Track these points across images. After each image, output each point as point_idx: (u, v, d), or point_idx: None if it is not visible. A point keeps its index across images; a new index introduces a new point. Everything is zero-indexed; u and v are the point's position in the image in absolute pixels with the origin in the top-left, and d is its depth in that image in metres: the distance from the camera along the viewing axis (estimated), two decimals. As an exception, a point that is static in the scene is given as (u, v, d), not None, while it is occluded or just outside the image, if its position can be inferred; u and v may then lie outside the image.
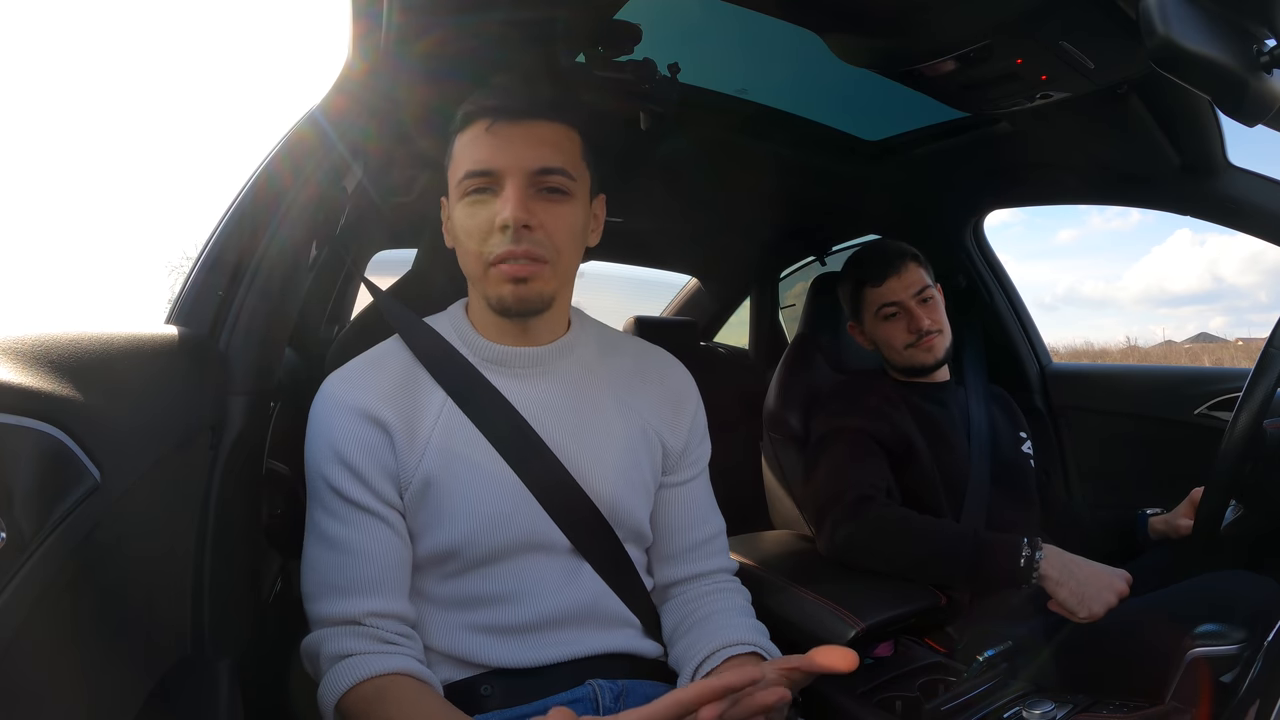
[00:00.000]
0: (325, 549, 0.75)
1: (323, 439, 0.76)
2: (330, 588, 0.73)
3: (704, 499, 0.90)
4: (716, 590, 0.86)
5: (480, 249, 0.75)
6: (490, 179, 0.74)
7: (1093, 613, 0.98)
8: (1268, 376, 0.96)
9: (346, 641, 0.71)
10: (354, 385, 0.78)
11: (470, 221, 0.75)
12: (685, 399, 0.90)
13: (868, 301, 1.32)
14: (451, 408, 0.78)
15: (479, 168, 0.74)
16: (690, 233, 2.03)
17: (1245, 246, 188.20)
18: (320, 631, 0.73)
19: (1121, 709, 0.90)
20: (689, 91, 1.16)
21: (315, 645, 0.73)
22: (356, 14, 0.78)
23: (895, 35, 0.96)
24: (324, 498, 0.76)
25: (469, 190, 0.75)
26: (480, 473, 0.76)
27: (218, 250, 0.82)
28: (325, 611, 0.73)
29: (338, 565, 0.74)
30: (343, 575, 0.73)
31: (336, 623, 0.73)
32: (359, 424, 0.75)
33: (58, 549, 0.46)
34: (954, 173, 1.51)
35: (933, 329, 1.26)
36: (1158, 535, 1.23)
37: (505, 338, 0.82)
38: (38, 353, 0.50)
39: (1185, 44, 0.56)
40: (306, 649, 0.74)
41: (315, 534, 0.76)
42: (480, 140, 0.75)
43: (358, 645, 0.71)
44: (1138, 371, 1.78)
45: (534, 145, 0.75)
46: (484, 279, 0.77)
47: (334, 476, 0.75)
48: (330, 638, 0.72)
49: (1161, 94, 1.06)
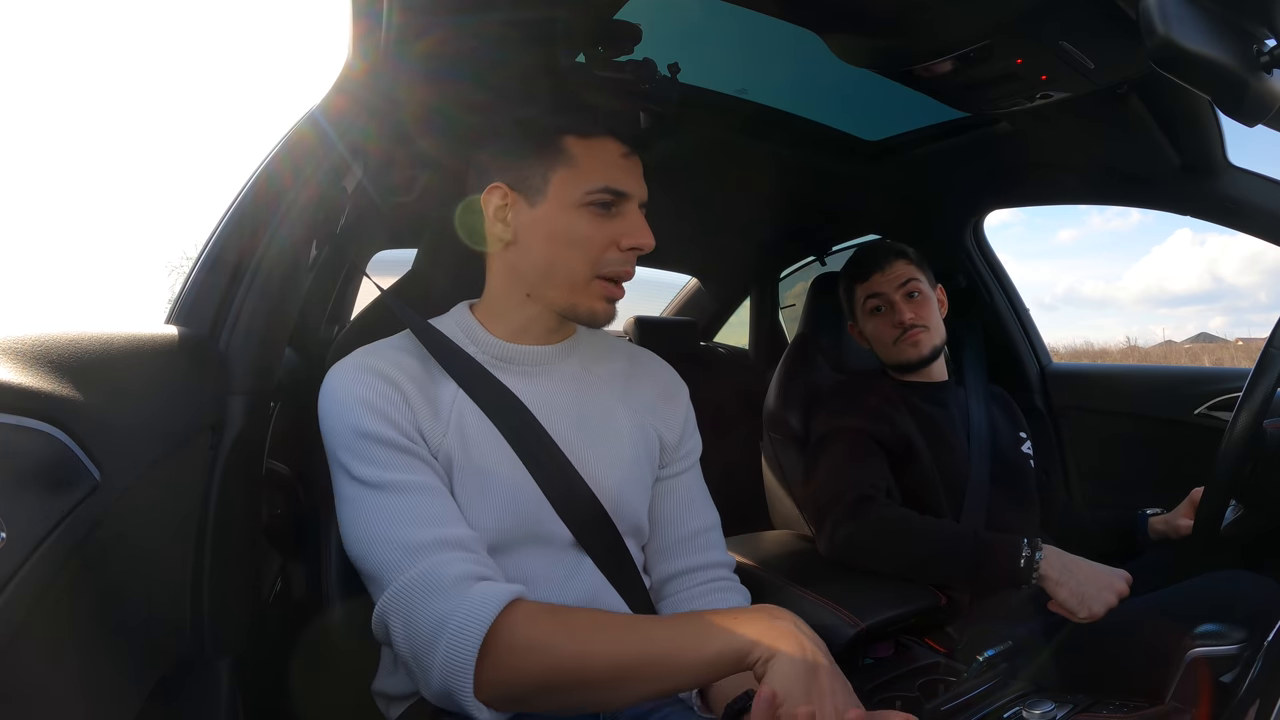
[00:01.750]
0: (378, 494, 0.68)
1: (345, 395, 0.72)
2: (412, 520, 0.66)
3: (696, 491, 0.91)
4: (713, 589, 0.86)
5: (595, 260, 0.78)
6: (619, 199, 0.78)
7: (1093, 613, 0.98)
8: (1268, 376, 0.96)
9: (469, 566, 0.64)
10: (369, 356, 0.76)
11: (593, 232, 0.77)
12: (677, 393, 0.92)
13: (857, 297, 1.33)
14: (464, 398, 0.77)
15: (617, 187, 0.77)
16: (690, 233, 2.02)
17: (1245, 246, 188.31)
18: (425, 562, 0.64)
19: (1121, 709, 0.90)
20: (689, 91, 1.16)
21: (428, 576, 0.63)
22: (356, 14, 0.78)
23: (895, 35, 0.96)
24: (360, 448, 0.70)
25: (598, 202, 0.77)
26: (490, 461, 0.76)
27: (218, 250, 0.82)
28: (420, 539, 0.65)
29: (404, 504, 0.68)
30: (415, 511, 0.67)
31: (440, 549, 0.65)
32: (382, 383, 0.73)
33: (58, 549, 0.46)
34: (954, 173, 1.52)
35: (916, 323, 1.26)
36: (1158, 535, 1.23)
37: (525, 338, 0.82)
38: (38, 353, 0.50)
39: (1185, 44, 0.56)
40: (410, 589, 0.63)
41: (359, 489, 0.69)
42: (618, 161, 0.79)
43: (483, 570, 0.65)
44: (1138, 371, 1.78)
45: (642, 178, 0.81)
46: (582, 288, 0.79)
47: (367, 424, 0.70)
48: (447, 564, 0.64)
49: (1161, 94, 1.06)
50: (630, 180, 0.79)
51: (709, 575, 0.87)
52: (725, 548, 0.91)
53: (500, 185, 0.79)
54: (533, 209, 0.78)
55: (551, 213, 0.77)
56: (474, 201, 0.81)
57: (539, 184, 0.77)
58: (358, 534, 0.68)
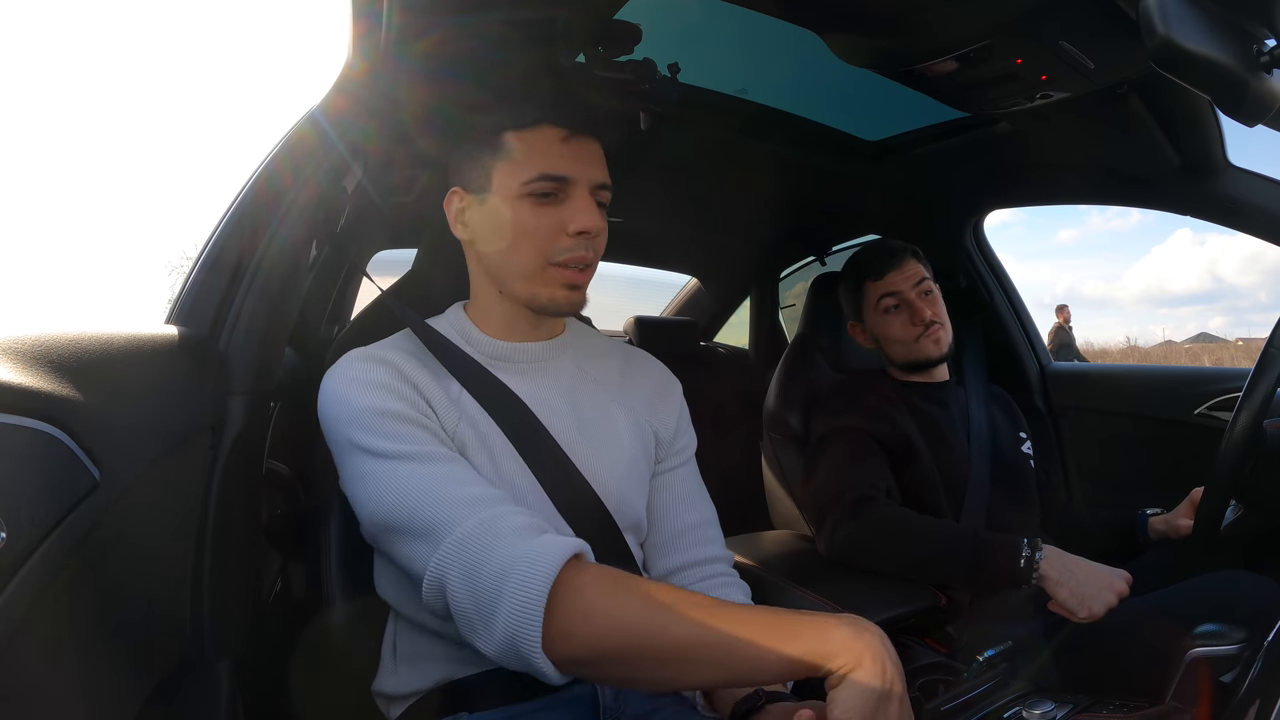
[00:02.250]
0: (407, 464, 0.66)
1: (354, 379, 0.72)
2: (458, 479, 0.65)
3: (692, 484, 0.91)
4: (713, 585, 0.86)
5: (544, 249, 0.77)
6: (560, 185, 0.77)
7: (1093, 613, 0.98)
8: (1268, 376, 0.96)
9: (530, 519, 0.63)
10: (373, 349, 0.76)
11: (537, 222, 0.76)
12: (671, 388, 0.93)
13: (868, 295, 1.32)
14: (467, 397, 0.78)
15: (556, 173, 0.76)
16: (690, 233, 2.03)
17: (1245, 246, 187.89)
18: (477, 517, 0.61)
19: (1121, 709, 0.90)
20: (689, 91, 1.16)
21: (484, 529, 0.61)
22: (356, 14, 0.78)
23: (895, 35, 0.96)
24: (378, 425, 0.69)
25: (537, 192, 0.76)
26: (499, 460, 0.76)
27: (218, 250, 0.82)
28: (464, 495, 0.64)
29: (439, 471, 0.66)
30: (456, 474, 0.67)
31: (490, 504, 0.63)
32: (389, 370, 0.73)
33: (58, 549, 0.46)
34: (954, 173, 1.52)
35: (935, 320, 1.27)
36: (1158, 535, 1.23)
37: (512, 334, 0.83)
38: (38, 353, 0.50)
39: (1185, 44, 0.56)
40: (466, 541, 0.61)
41: (382, 463, 0.67)
42: (555, 147, 0.77)
43: (547, 525, 0.63)
44: (1138, 371, 1.78)
45: (597, 160, 0.79)
46: (538, 277, 0.78)
47: (380, 401, 0.70)
48: (504, 515, 0.62)
49: (1161, 94, 1.06)
50: (572, 164, 0.77)
51: (708, 571, 0.87)
52: (723, 543, 0.91)
53: (457, 189, 0.81)
54: (482, 206, 0.79)
55: (496, 207, 0.78)
56: (459, 198, 0.82)
57: (483, 181, 0.78)
58: (393, 500, 0.65)
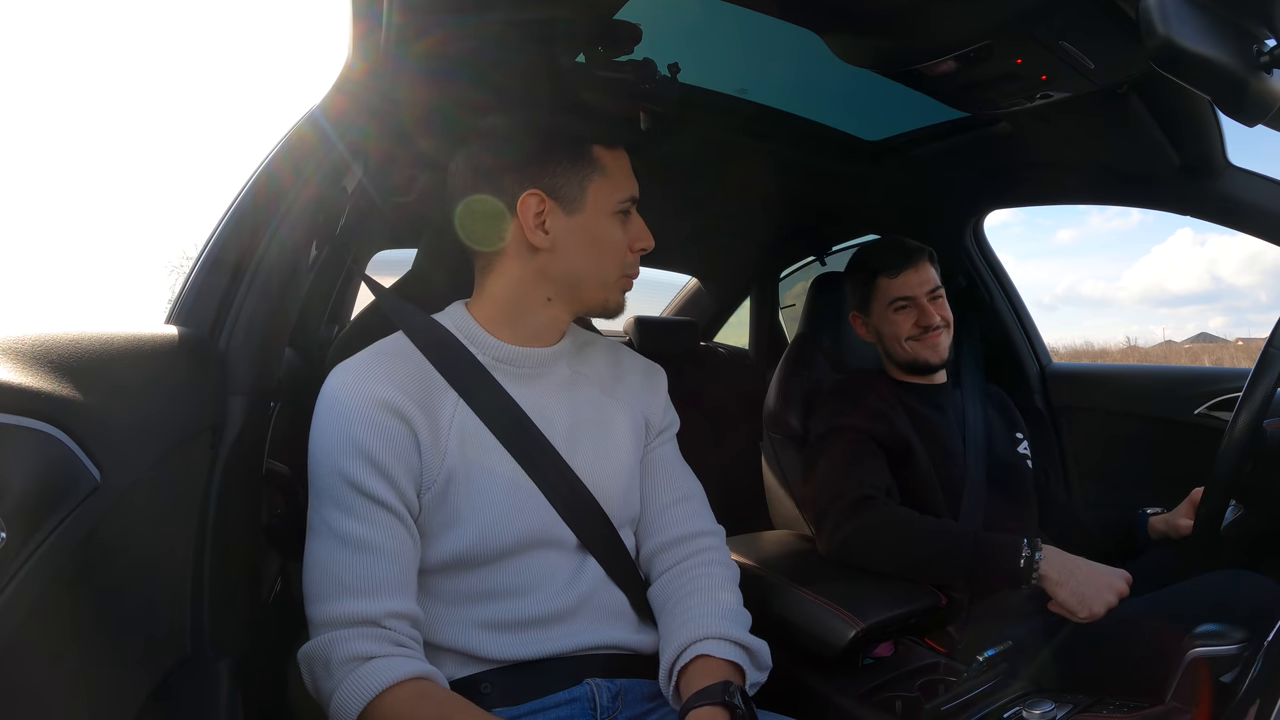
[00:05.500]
0: (339, 547, 0.72)
1: (339, 432, 0.73)
2: (344, 588, 0.70)
3: (674, 461, 0.93)
4: (695, 563, 0.86)
5: (623, 261, 0.84)
6: (633, 205, 0.84)
7: (1093, 613, 0.98)
8: (1268, 376, 0.96)
9: (366, 644, 0.68)
10: (370, 376, 0.75)
11: (623, 236, 0.83)
12: (657, 375, 0.96)
13: (880, 291, 1.31)
14: (464, 407, 0.78)
15: (636, 195, 0.84)
16: (690, 233, 2.03)
17: (1245, 246, 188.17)
18: (329, 634, 0.70)
19: (1121, 709, 0.90)
20: (689, 91, 1.16)
21: (323, 649, 0.69)
22: (356, 14, 0.78)
23: (895, 35, 0.96)
24: (339, 494, 0.73)
25: (623, 210, 0.83)
26: (494, 471, 0.77)
27: (218, 250, 0.82)
28: (337, 613, 0.70)
29: (355, 564, 0.71)
30: (361, 575, 0.71)
31: (351, 624, 0.70)
32: (383, 416, 0.73)
33: (58, 549, 0.46)
34: (954, 173, 1.52)
35: (941, 324, 1.27)
36: (1158, 535, 1.23)
37: (525, 340, 0.83)
38: (38, 353, 0.50)
39: (1185, 44, 0.56)
40: (311, 654, 0.70)
41: (326, 531, 0.73)
42: (628, 166, 0.85)
43: (379, 648, 0.68)
44: (1138, 371, 1.78)
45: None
46: (613, 285, 0.85)
47: (354, 471, 0.72)
48: (344, 640, 0.69)
49: (1161, 94, 1.06)
50: (636, 184, 0.85)
51: (696, 545, 0.87)
52: (712, 518, 0.91)
53: (537, 192, 0.79)
54: (569, 217, 0.80)
55: (592, 221, 0.80)
56: (489, 204, 0.80)
57: (575, 192, 0.79)
58: (312, 571, 0.73)
